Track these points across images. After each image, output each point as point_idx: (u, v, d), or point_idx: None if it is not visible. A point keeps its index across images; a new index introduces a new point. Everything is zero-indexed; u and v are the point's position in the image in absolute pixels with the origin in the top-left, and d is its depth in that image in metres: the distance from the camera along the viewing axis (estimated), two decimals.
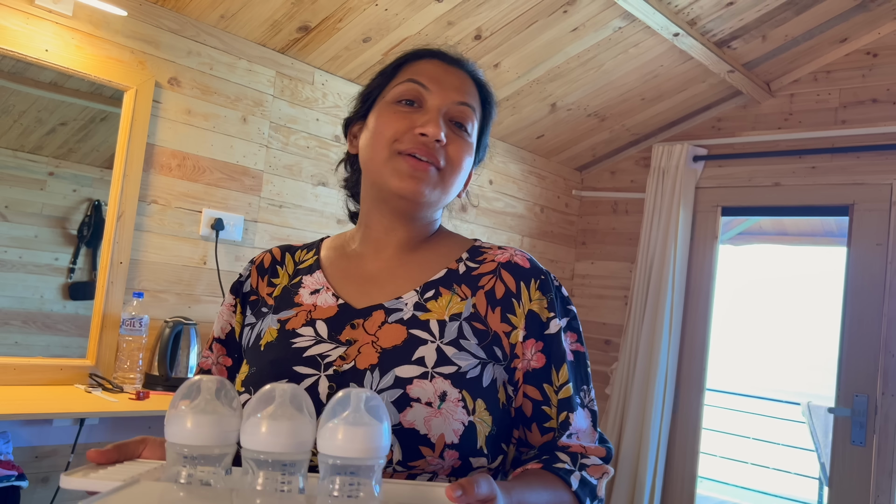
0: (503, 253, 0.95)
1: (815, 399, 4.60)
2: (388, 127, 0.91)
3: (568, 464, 0.86)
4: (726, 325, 12.98)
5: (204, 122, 2.39)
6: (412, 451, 0.79)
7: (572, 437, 0.88)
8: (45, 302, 2.14)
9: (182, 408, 0.65)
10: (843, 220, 3.25)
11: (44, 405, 1.83)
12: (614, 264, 3.81)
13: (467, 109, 0.94)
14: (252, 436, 0.63)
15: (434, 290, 0.91)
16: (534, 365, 0.89)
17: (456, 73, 0.96)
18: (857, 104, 3.15)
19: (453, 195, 0.96)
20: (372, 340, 0.87)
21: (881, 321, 2.99)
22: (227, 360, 1.00)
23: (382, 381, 0.83)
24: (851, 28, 3.03)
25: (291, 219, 2.65)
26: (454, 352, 0.85)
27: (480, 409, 0.83)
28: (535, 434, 0.89)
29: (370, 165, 0.93)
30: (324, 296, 0.94)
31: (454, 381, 0.83)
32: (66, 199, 2.18)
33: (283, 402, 0.65)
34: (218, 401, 0.67)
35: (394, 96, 0.93)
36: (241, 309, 1.01)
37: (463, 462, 0.81)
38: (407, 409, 0.80)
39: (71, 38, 2.09)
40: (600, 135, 3.59)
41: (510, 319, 0.90)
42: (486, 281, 0.92)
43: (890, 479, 2.90)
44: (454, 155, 0.92)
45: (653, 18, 2.59)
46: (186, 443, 0.64)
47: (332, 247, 1.02)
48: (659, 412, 3.36)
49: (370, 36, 2.53)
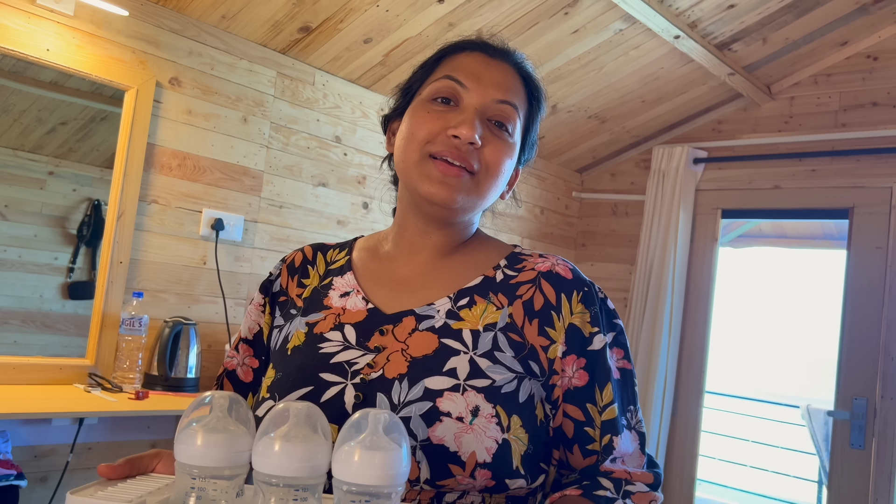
0: (544, 262, 0.89)
1: (815, 402, 4.60)
2: (420, 127, 0.85)
3: (611, 491, 0.80)
4: (726, 328, 13.00)
5: (204, 122, 2.39)
6: (441, 468, 0.74)
7: (617, 461, 0.82)
8: (44, 301, 2.14)
9: (192, 425, 0.63)
10: (843, 223, 3.25)
11: (43, 405, 1.83)
12: (614, 266, 3.82)
13: (508, 108, 0.87)
14: (264, 458, 0.60)
15: (469, 297, 0.86)
16: (576, 383, 0.83)
17: (498, 67, 0.89)
18: (857, 107, 3.16)
19: (491, 200, 0.90)
20: (402, 348, 0.82)
21: (881, 324, 2.99)
22: (254, 362, 0.96)
23: (411, 392, 0.78)
24: (852, 31, 3.03)
25: (291, 219, 2.65)
26: (488, 364, 0.80)
27: (516, 426, 0.77)
28: (577, 456, 0.83)
29: (402, 167, 0.88)
30: (353, 299, 0.89)
31: (488, 396, 0.77)
32: (65, 199, 2.18)
33: (297, 422, 0.62)
34: (230, 418, 0.64)
35: (430, 94, 0.87)
36: (269, 309, 0.97)
37: (498, 483, 0.76)
38: (436, 424, 0.75)
39: (72, 38, 2.09)
40: (600, 137, 3.59)
41: (548, 333, 0.84)
42: (525, 290, 0.86)
43: (889, 482, 2.90)
44: (491, 158, 0.85)
45: (654, 21, 2.59)
46: (196, 463, 0.62)
47: (364, 247, 0.97)
48: (658, 414, 3.36)
49: (371, 37, 2.53)
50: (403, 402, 0.77)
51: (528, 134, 0.93)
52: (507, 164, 0.87)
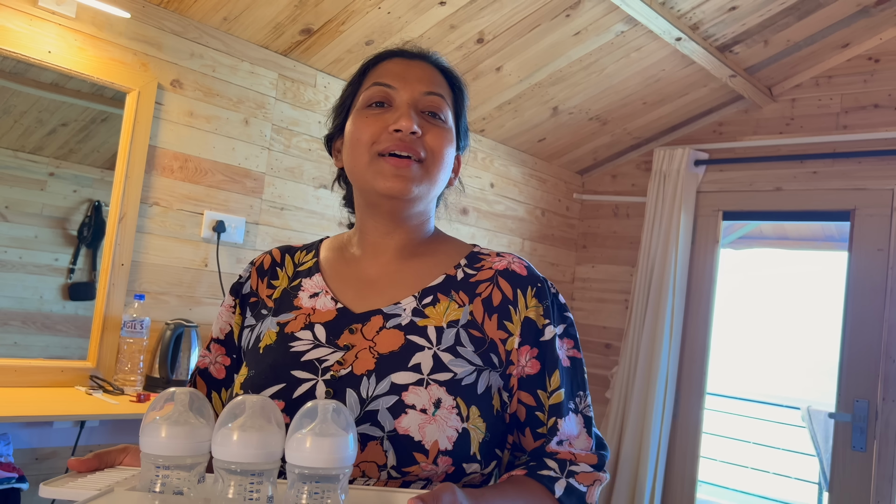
0: (501, 260, 0.95)
1: (815, 404, 4.59)
2: (363, 132, 0.91)
3: (555, 471, 0.85)
4: (727, 329, 12.99)
5: (206, 124, 2.39)
6: (406, 457, 0.80)
7: (563, 443, 0.88)
8: (44, 302, 2.13)
9: (156, 419, 0.68)
10: (844, 225, 3.25)
11: (44, 407, 1.83)
12: (615, 268, 3.81)
13: (436, 98, 0.94)
14: (223, 446, 0.66)
15: (432, 296, 0.92)
16: (528, 371, 0.89)
17: (419, 66, 0.96)
18: (858, 109, 3.16)
19: (441, 184, 0.96)
20: (370, 346, 0.88)
21: (882, 326, 2.98)
22: (226, 360, 1.01)
23: (378, 386, 0.83)
24: (853, 33, 3.03)
25: (293, 221, 2.65)
26: (450, 358, 0.86)
27: (474, 416, 0.84)
28: (529, 439, 0.89)
29: (355, 173, 0.93)
30: (323, 299, 0.94)
31: (449, 389, 0.84)
32: (66, 200, 2.18)
33: (252, 413, 0.68)
34: (191, 412, 0.70)
35: (363, 102, 0.94)
36: (240, 310, 1.01)
37: (456, 468, 0.82)
38: (402, 416, 0.81)
39: (74, 40, 2.08)
40: (602, 138, 3.59)
41: (507, 326, 0.90)
42: (484, 288, 0.92)
43: (890, 484, 2.90)
44: (433, 144, 0.92)
45: (655, 23, 2.59)
46: (160, 453, 0.67)
47: (331, 248, 1.02)
48: (659, 416, 3.36)
49: (373, 39, 2.53)
50: (371, 397, 0.83)
51: (459, 121, 1.00)
52: (448, 148, 0.94)
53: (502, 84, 2.94)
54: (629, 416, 3.42)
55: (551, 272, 3.81)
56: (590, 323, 3.86)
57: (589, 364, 3.81)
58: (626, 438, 3.41)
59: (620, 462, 3.42)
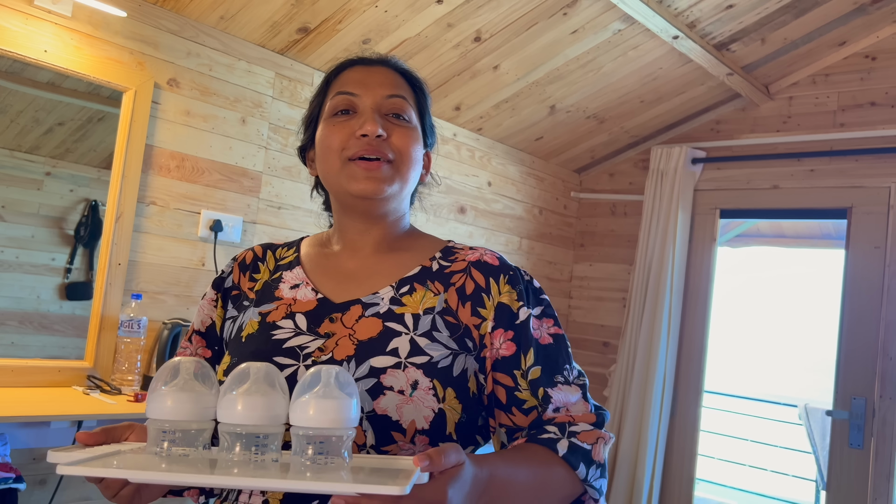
0: (473, 253, 1.00)
1: (813, 402, 4.60)
2: (332, 139, 0.96)
3: (555, 433, 0.88)
4: (725, 328, 13.02)
5: (203, 123, 2.38)
6: (385, 436, 0.84)
7: (560, 410, 0.91)
8: (41, 302, 2.13)
9: (162, 388, 0.71)
10: (841, 223, 3.25)
11: (42, 407, 1.82)
12: (613, 266, 3.81)
13: (398, 100, 0.98)
14: (228, 410, 0.68)
15: (409, 285, 0.96)
16: (503, 353, 0.93)
17: (379, 71, 1.00)
18: (855, 107, 3.16)
19: (412, 182, 1.00)
20: (349, 333, 0.92)
21: (879, 324, 2.99)
22: (207, 352, 1.05)
23: (358, 370, 0.87)
24: (850, 31, 3.03)
25: (290, 220, 2.65)
26: (427, 343, 0.90)
27: (451, 398, 0.88)
28: (520, 417, 0.92)
29: (329, 179, 0.98)
30: (303, 290, 0.99)
31: (426, 371, 0.87)
32: (63, 199, 2.17)
33: (257, 378, 0.70)
34: (196, 380, 0.72)
35: (329, 112, 0.98)
36: (221, 304, 1.06)
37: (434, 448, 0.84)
38: (380, 397, 0.85)
39: (70, 39, 2.08)
40: (599, 137, 3.59)
41: (480, 312, 0.94)
42: (458, 279, 0.97)
43: (888, 482, 2.90)
44: (399, 143, 0.96)
45: (652, 21, 2.59)
46: (166, 418, 0.70)
47: (311, 244, 1.07)
48: (657, 414, 3.36)
49: (370, 37, 2.52)
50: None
51: (424, 119, 1.04)
52: (414, 146, 0.98)
53: (500, 82, 2.94)
54: (627, 413, 3.42)
55: (549, 271, 3.81)
56: (587, 321, 3.86)
57: (587, 362, 3.82)
58: (624, 436, 3.41)
59: (619, 460, 3.42)
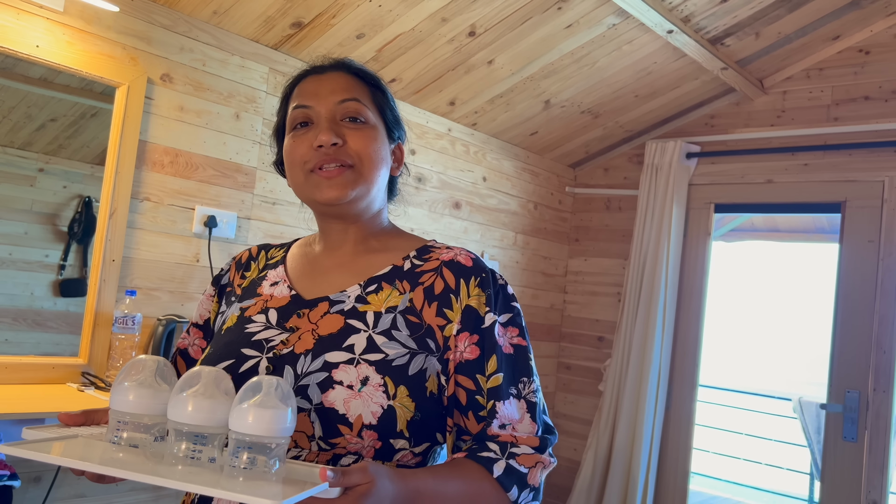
0: (449, 252, 1.01)
1: (806, 395, 4.62)
2: (294, 154, 1.00)
3: (495, 452, 0.89)
4: (719, 322, 13.04)
5: (196, 118, 2.37)
6: (331, 428, 0.86)
7: (506, 427, 0.92)
8: (35, 299, 2.12)
9: (125, 383, 0.78)
10: (835, 217, 3.26)
11: (36, 404, 1.82)
12: (607, 261, 3.82)
13: (351, 103, 1.00)
14: (176, 408, 0.74)
15: (377, 284, 0.99)
16: (467, 356, 0.94)
17: (330, 78, 1.02)
18: (849, 101, 3.17)
19: (379, 180, 1.02)
20: (312, 329, 0.95)
21: (873, 318, 3.00)
22: (203, 343, 1.12)
23: (313, 364, 0.91)
24: (844, 25, 3.04)
25: (285, 216, 2.64)
26: (384, 341, 0.92)
27: (402, 396, 0.89)
28: (472, 422, 0.93)
29: (297, 191, 1.02)
30: (281, 287, 1.04)
31: (378, 368, 0.89)
32: (56, 196, 2.16)
33: (206, 382, 0.75)
34: (155, 378, 0.79)
35: (289, 126, 1.02)
36: (217, 299, 1.12)
37: (384, 444, 0.88)
38: (329, 391, 0.88)
39: (62, 34, 2.07)
40: (594, 132, 3.59)
41: (446, 314, 0.95)
42: (427, 278, 0.98)
43: (881, 474, 2.92)
44: (358, 146, 0.98)
45: (647, 15, 2.59)
46: (123, 409, 0.77)
47: (299, 245, 1.12)
48: (652, 408, 3.37)
49: (364, 32, 2.51)
50: (305, 373, 0.90)
51: (385, 114, 1.05)
52: (374, 145, 1.00)
53: (494, 77, 2.93)
54: (622, 408, 3.43)
55: (544, 266, 3.81)
56: (582, 316, 3.86)
57: (582, 357, 3.82)
58: (619, 430, 3.42)
59: (614, 454, 3.43)
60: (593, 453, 3.54)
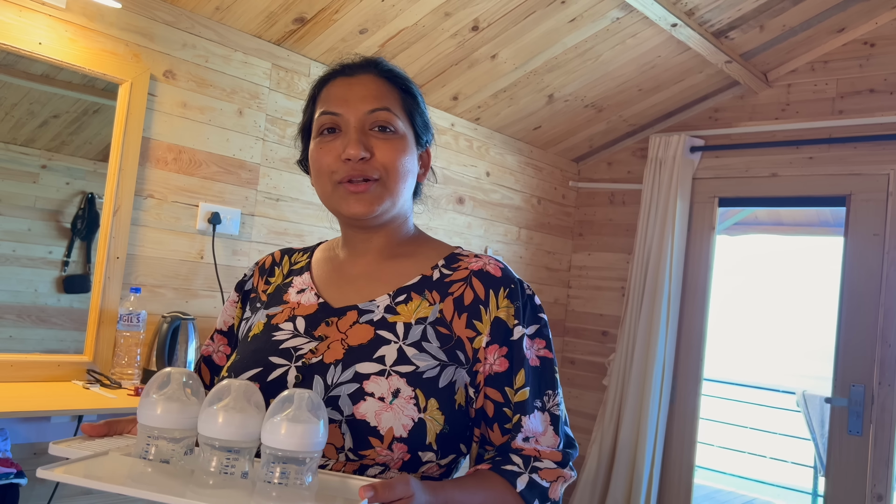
0: (477, 261, 1.00)
1: (811, 389, 4.61)
2: (322, 163, 0.97)
3: (519, 466, 0.90)
4: (723, 315, 13.04)
5: (200, 115, 2.37)
6: (362, 440, 0.85)
7: (529, 440, 0.92)
8: (39, 296, 2.12)
9: (153, 396, 0.77)
10: (839, 210, 3.25)
11: (42, 402, 1.82)
12: (611, 255, 3.81)
13: (380, 113, 0.97)
14: (206, 423, 0.73)
15: (406, 294, 0.98)
16: (496, 369, 0.93)
17: (359, 82, 0.99)
18: (854, 94, 3.15)
19: (405, 192, 1.00)
20: (342, 338, 0.94)
21: (878, 311, 2.99)
22: (227, 349, 1.10)
23: (343, 375, 0.90)
24: (849, 18, 3.02)
25: (288, 212, 2.64)
26: (414, 352, 0.91)
27: (433, 408, 0.89)
28: (497, 434, 0.93)
29: (323, 199, 1.00)
30: (308, 295, 1.02)
31: (409, 380, 0.89)
32: (59, 192, 2.17)
33: (236, 396, 0.74)
34: (183, 390, 0.78)
35: (316, 131, 0.99)
36: (241, 305, 1.11)
37: (412, 456, 0.87)
38: (360, 402, 0.87)
39: (64, 31, 2.06)
40: (597, 126, 3.58)
41: (475, 325, 0.95)
42: (457, 288, 0.97)
43: (887, 468, 2.92)
44: (386, 160, 0.96)
45: (651, 9, 2.58)
46: (152, 424, 0.76)
47: (323, 250, 1.10)
48: (656, 402, 3.37)
49: (367, 27, 2.51)
50: (335, 384, 0.89)
51: (415, 120, 1.02)
52: (402, 158, 0.98)
53: (497, 72, 2.92)
54: (626, 402, 3.43)
55: (548, 260, 3.81)
56: (586, 311, 3.86)
57: (586, 351, 3.82)
58: (623, 425, 3.42)
59: (618, 448, 3.43)
60: (598, 448, 3.54)
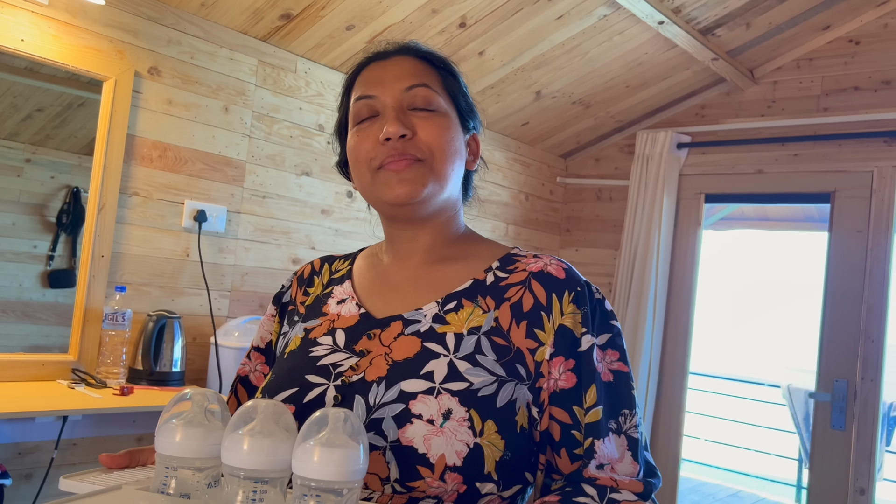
0: (537, 262, 0.88)
1: (795, 383, 4.66)
2: (359, 150, 0.89)
3: (593, 498, 0.77)
4: (709, 309, 13.12)
5: (185, 112, 2.35)
6: (409, 470, 0.74)
7: (604, 468, 0.79)
8: (23, 290, 2.11)
9: (171, 420, 0.67)
10: (824, 206, 3.28)
11: (26, 402, 1.81)
12: (598, 251, 3.83)
13: (418, 90, 0.89)
14: (230, 451, 0.63)
15: (456, 301, 0.86)
16: (562, 385, 0.81)
17: (395, 63, 0.91)
18: (839, 92, 3.17)
19: (454, 176, 0.91)
20: (385, 352, 0.83)
21: (861, 307, 3.02)
22: (265, 368, 1.01)
23: (387, 394, 0.79)
24: (834, 16, 3.04)
25: (275, 209, 2.63)
26: (467, 367, 0.80)
27: (490, 432, 0.77)
28: (565, 460, 0.81)
29: (364, 192, 0.92)
30: (348, 305, 0.92)
31: (462, 399, 0.77)
32: (43, 186, 2.15)
33: (263, 418, 0.64)
34: (204, 414, 0.68)
35: (353, 120, 0.92)
36: (279, 319, 1.02)
37: (469, 487, 0.75)
38: (407, 426, 0.76)
39: (47, 28, 2.04)
40: (585, 122, 3.59)
41: (537, 335, 0.83)
42: (514, 292, 0.86)
43: (869, 462, 2.95)
44: (429, 138, 0.87)
45: (638, 6, 2.58)
46: (170, 454, 0.66)
47: (365, 256, 1.00)
48: (643, 396, 3.39)
49: (354, 23, 2.49)
50: (378, 404, 0.78)
51: (458, 101, 0.94)
52: (447, 135, 0.89)
53: (485, 68, 2.92)
54: None
55: None
56: None
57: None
58: None
59: None
60: None
